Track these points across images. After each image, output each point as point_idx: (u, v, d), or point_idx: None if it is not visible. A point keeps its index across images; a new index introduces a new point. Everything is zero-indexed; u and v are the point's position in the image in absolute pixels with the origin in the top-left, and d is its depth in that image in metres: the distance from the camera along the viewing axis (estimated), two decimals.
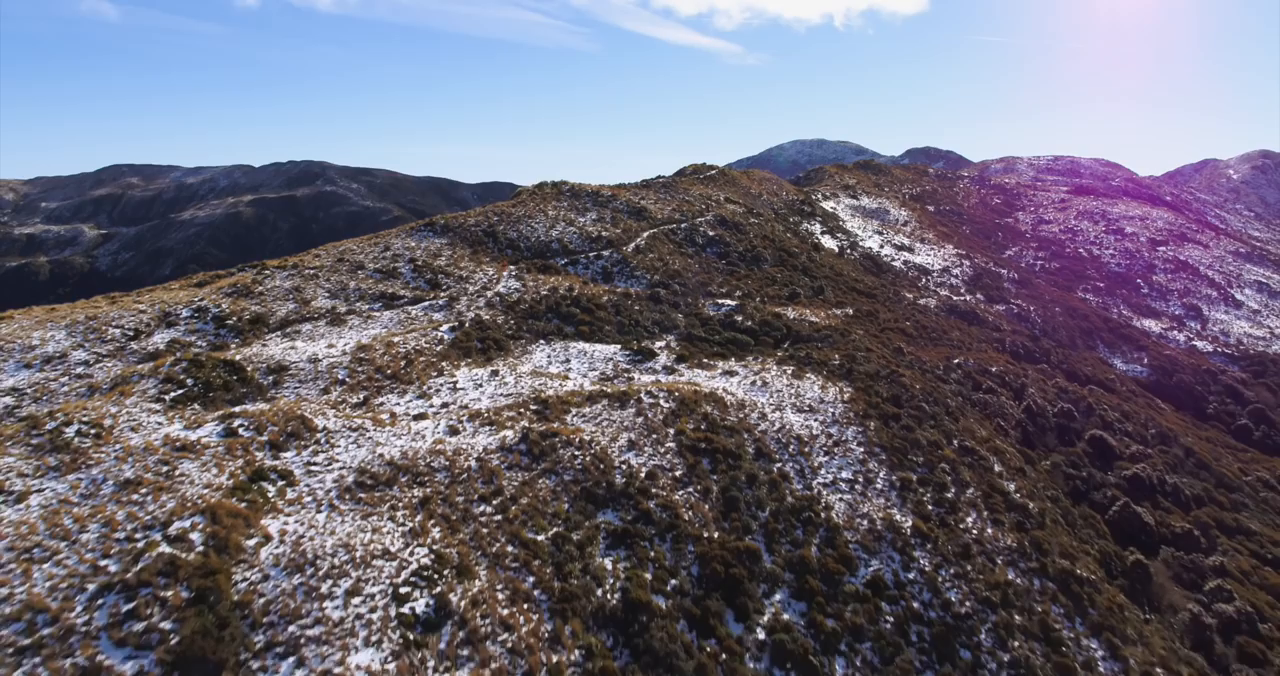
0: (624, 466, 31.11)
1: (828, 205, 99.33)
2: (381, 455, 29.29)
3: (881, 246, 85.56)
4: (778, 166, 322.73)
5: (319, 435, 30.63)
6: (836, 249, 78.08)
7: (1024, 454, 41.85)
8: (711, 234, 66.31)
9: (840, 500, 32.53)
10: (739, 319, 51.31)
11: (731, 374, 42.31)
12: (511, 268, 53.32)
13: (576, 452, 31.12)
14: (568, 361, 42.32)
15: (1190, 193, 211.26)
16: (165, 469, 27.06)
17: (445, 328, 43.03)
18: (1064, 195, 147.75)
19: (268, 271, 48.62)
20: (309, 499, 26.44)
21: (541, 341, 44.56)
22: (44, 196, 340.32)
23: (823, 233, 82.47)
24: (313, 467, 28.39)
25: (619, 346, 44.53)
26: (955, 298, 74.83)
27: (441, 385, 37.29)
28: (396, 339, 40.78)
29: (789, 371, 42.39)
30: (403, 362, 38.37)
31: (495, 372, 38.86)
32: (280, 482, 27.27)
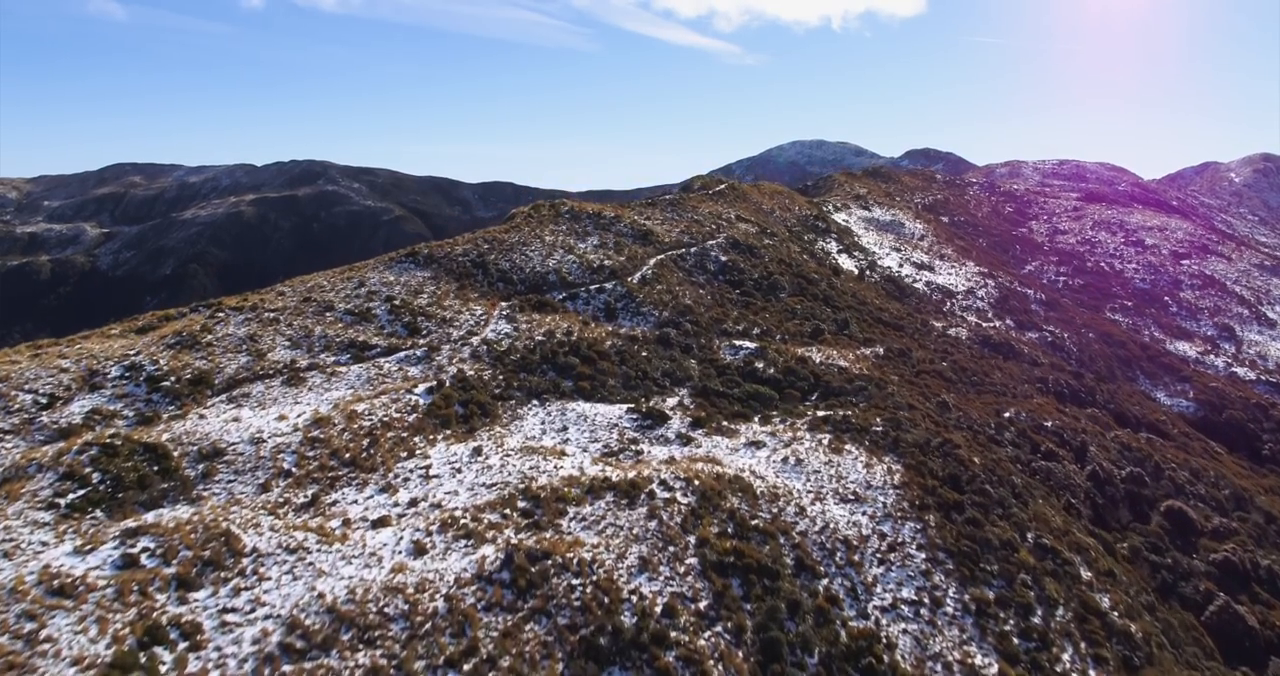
0: (634, 598, 23.76)
1: (840, 217, 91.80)
2: (322, 595, 21.93)
3: (901, 265, 78.06)
4: (777, 166, 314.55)
5: (246, 561, 23.26)
6: (856, 271, 70.58)
7: (1102, 539, 34.55)
8: (724, 259, 58.77)
9: (904, 632, 25.23)
10: (760, 365, 43.90)
11: (757, 445, 34.92)
12: (503, 305, 45.85)
13: (575, 581, 23.76)
14: (565, 429, 34.92)
15: (1194, 197, 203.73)
16: (29, 628, 19.71)
17: (421, 388, 35.58)
18: (1075, 202, 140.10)
19: (222, 314, 41.12)
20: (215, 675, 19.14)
21: (534, 402, 37.13)
22: (47, 195, 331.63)
23: (839, 251, 74.94)
24: (229, 617, 21.04)
25: (625, 407, 37.13)
26: (985, 325, 67.44)
27: (411, 471, 29.90)
28: (362, 406, 33.34)
29: (825, 442, 35.01)
30: (365, 441, 30.93)
31: (478, 451, 31.46)
32: (181, 645, 19.95)
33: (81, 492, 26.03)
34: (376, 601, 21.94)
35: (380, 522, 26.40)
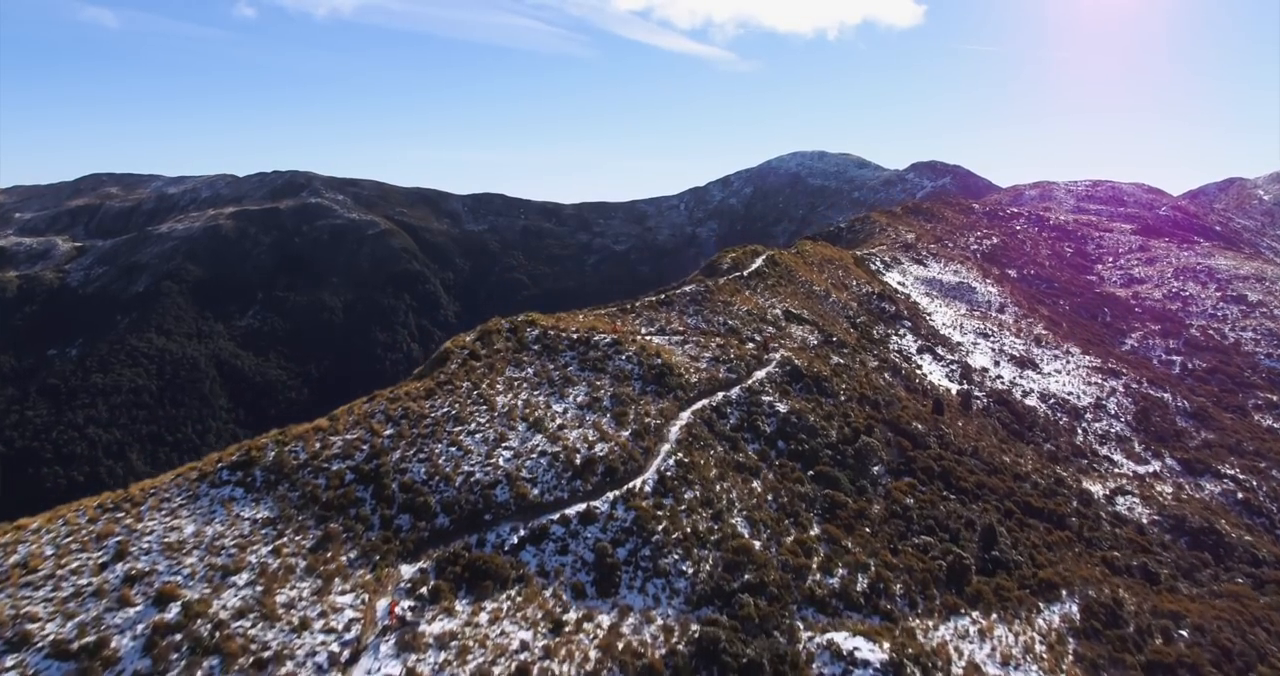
0: None
1: (895, 279, 69.13)
2: None
3: (998, 364, 55.36)
4: (779, 178, 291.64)
5: None
6: (955, 390, 47.92)
7: None
8: (783, 411, 35.82)
9: None
10: None
11: None
12: (402, 584, 22.89)
13: None
14: None
15: (1232, 219, 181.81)
16: None
17: None
18: (1134, 237, 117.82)
19: None
20: None
21: None
22: (19, 206, 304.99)
23: (920, 349, 52.24)
24: None
25: None
26: (1145, 473, 44.95)
27: None
28: None
29: None
30: None
31: None
32: None
33: None
34: None
35: None
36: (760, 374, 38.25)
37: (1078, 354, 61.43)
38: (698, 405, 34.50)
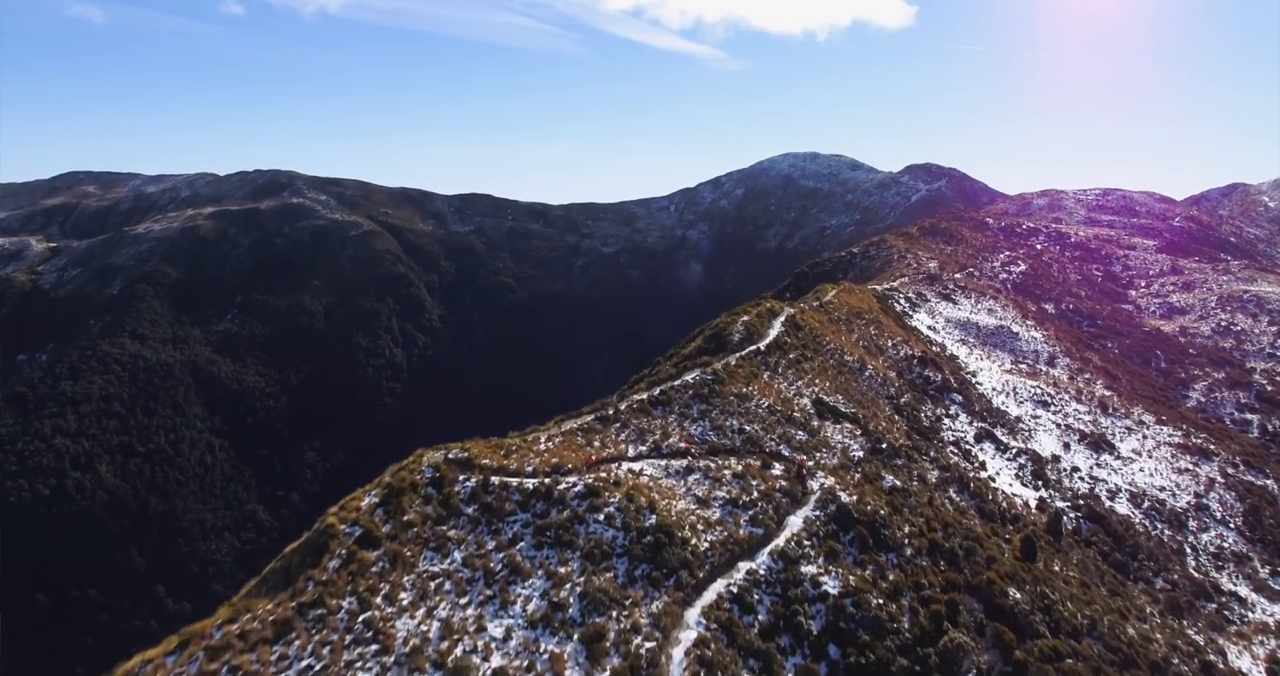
0: None
1: (923, 322, 57.36)
2: None
3: (1068, 447, 43.69)
4: (770, 180, 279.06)
5: None
6: (1031, 498, 36.15)
7: None
8: (833, 591, 23.87)
9: None
10: None
11: None
12: None
13: None
14: None
15: (1243, 227, 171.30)
16: None
17: None
18: (1160, 256, 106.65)
19: None
20: None
21: None
22: None
23: (979, 436, 40.46)
24: None
25: None
26: None
27: None
28: None
29: None
30: None
31: None
32: None
33: None
34: None
35: None
36: (796, 522, 26.24)
37: (1152, 423, 49.94)
38: (711, 595, 22.44)
